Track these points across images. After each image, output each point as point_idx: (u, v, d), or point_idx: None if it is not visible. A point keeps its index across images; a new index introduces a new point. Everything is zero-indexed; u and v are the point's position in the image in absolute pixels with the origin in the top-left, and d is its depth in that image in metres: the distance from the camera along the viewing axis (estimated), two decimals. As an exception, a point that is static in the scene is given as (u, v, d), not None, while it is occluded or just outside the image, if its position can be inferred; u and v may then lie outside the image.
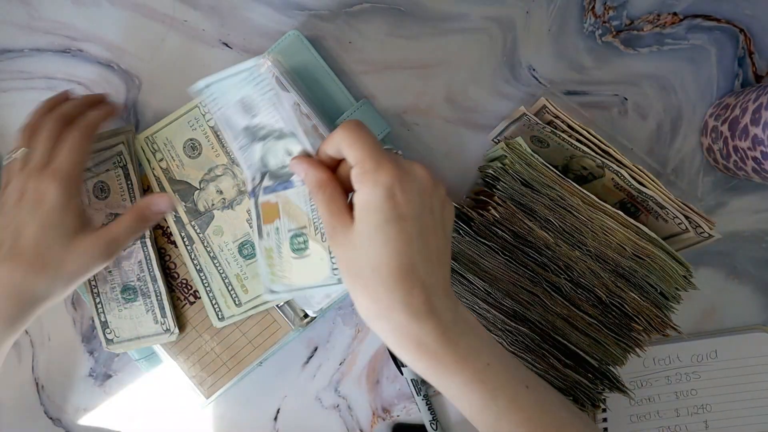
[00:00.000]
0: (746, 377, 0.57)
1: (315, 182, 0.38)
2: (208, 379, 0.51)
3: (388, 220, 0.34)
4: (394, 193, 0.35)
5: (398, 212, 0.35)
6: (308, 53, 0.51)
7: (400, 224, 0.35)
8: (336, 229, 0.36)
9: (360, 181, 0.35)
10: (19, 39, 0.52)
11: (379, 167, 0.35)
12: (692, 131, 0.56)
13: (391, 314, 0.35)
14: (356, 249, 0.35)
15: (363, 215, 0.35)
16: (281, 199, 0.43)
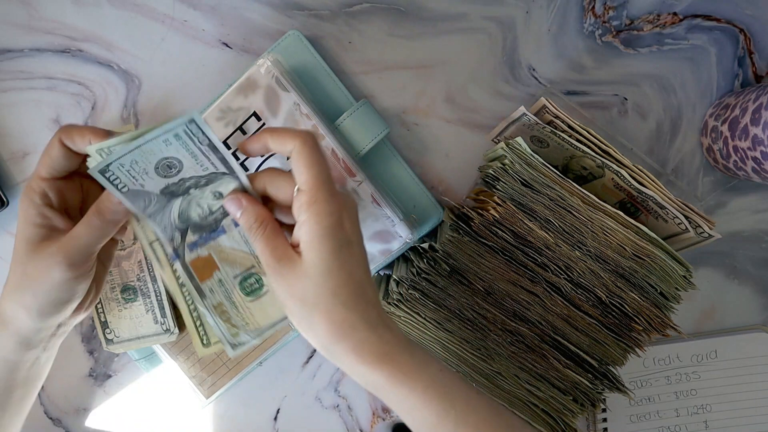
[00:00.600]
0: (746, 377, 0.57)
1: (255, 218, 0.38)
2: (207, 379, 0.52)
3: (341, 247, 0.36)
4: (343, 222, 0.36)
5: (347, 239, 0.37)
6: (308, 53, 0.51)
7: (351, 249, 0.37)
8: (283, 264, 0.37)
9: (309, 211, 0.36)
10: (19, 39, 0.52)
11: (332, 198, 0.36)
12: (692, 131, 0.56)
13: (353, 333, 0.36)
14: (310, 278, 0.36)
15: (316, 244, 0.36)
16: (213, 250, 0.41)
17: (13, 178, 0.53)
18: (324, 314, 0.36)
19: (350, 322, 0.36)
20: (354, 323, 0.36)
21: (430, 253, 0.46)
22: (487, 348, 0.47)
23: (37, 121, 0.53)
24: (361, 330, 0.36)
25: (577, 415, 0.47)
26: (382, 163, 0.53)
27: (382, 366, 0.36)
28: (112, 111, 0.53)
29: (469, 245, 0.46)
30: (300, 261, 0.36)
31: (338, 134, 0.50)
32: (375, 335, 0.37)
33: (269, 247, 0.37)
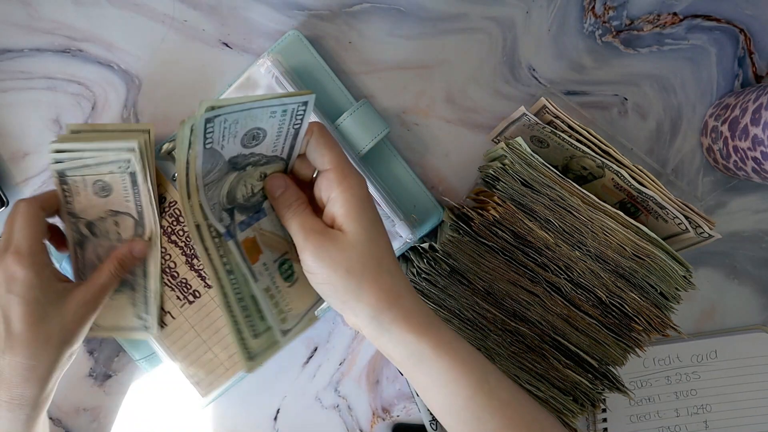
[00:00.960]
0: (746, 377, 0.57)
1: (296, 197, 0.38)
2: (205, 379, 0.51)
3: (377, 218, 0.38)
4: (369, 197, 0.38)
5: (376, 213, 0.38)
6: (308, 53, 0.51)
7: (381, 222, 0.38)
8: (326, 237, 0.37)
9: (341, 185, 0.36)
10: (19, 39, 0.52)
11: (357, 173, 0.37)
12: (692, 131, 0.56)
13: (401, 300, 0.37)
14: (354, 249, 0.36)
15: (354, 214, 0.36)
16: (257, 232, 0.40)
17: (13, 178, 0.53)
18: (372, 282, 0.36)
19: (397, 290, 0.37)
20: (401, 291, 0.37)
21: (430, 253, 0.46)
22: (487, 348, 0.47)
23: (37, 121, 0.53)
24: (407, 298, 0.37)
25: (577, 415, 0.47)
26: (382, 163, 0.53)
27: (429, 335, 0.36)
28: (112, 111, 0.53)
29: (469, 245, 0.46)
30: (341, 234, 0.36)
31: (338, 134, 0.50)
32: (419, 304, 0.37)
33: (309, 223, 0.37)
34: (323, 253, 0.36)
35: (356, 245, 0.36)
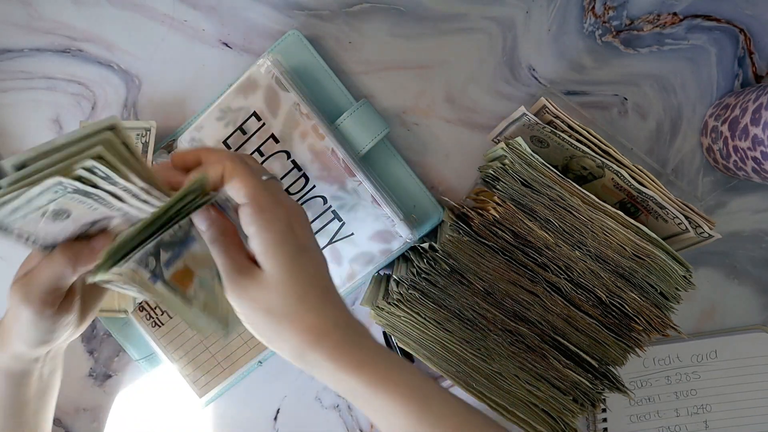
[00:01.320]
0: (746, 377, 0.57)
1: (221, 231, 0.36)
2: (201, 379, 0.52)
3: (297, 252, 0.36)
4: (293, 227, 0.36)
5: (302, 244, 0.36)
6: (308, 53, 0.51)
7: (308, 254, 0.36)
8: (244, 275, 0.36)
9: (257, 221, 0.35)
10: (19, 39, 0.52)
11: (276, 205, 0.35)
12: (692, 131, 0.56)
13: (325, 339, 0.35)
14: (273, 288, 0.35)
15: (272, 251, 0.35)
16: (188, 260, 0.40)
17: (13, 178, 0.53)
18: (294, 323, 0.35)
19: (321, 328, 0.35)
20: (325, 329, 0.35)
21: (430, 253, 0.46)
22: (487, 348, 0.47)
23: (37, 121, 0.53)
24: (333, 335, 0.36)
25: (577, 415, 0.47)
26: (382, 163, 0.53)
27: (360, 371, 0.35)
28: (112, 111, 0.53)
29: (469, 245, 0.46)
30: (260, 272, 0.35)
31: (338, 134, 0.50)
32: (347, 339, 0.36)
33: (231, 261, 0.36)
34: (243, 293, 0.36)
35: (275, 284, 0.35)
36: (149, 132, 0.49)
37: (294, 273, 0.35)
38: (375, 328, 0.56)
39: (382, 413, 0.36)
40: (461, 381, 0.48)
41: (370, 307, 0.48)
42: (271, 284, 0.35)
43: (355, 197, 0.50)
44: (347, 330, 0.36)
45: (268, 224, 0.35)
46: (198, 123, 0.50)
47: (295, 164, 0.49)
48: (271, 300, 0.35)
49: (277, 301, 0.35)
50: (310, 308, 0.35)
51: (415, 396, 0.36)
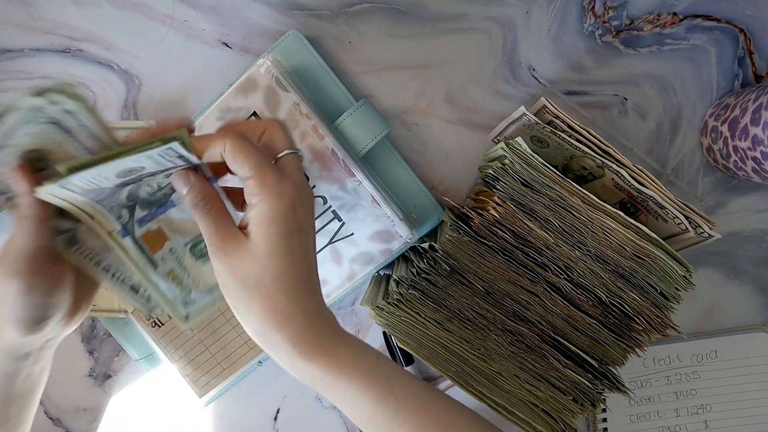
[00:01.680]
0: (746, 377, 0.57)
1: (202, 195, 0.36)
2: (201, 379, 0.52)
3: (291, 232, 0.35)
4: (296, 207, 0.36)
5: (299, 225, 0.36)
6: (308, 53, 0.51)
7: (301, 236, 0.36)
8: (227, 243, 0.36)
9: (260, 193, 0.35)
10: (19, 39, 0.52)
11: (282, 180, 0.35)
12: (692, 131, 0.56)
13: (291, 322, 0.35)
14: (254, 260, 0.35)
15: (264, 225, 0.35)
16: (163, 222, 0.41)
17: (13, 178, 0.53)
18: (263, 299, 0.35)
19: (289, 311, 0.35)
20: (293, 312, 0.36)
21: (430, 253, 0.46)
22: (487, 348, 0.47)
23: (37, 121, 0.53)
24: (300, 320, 0.36)
25: (577, 415, 0.47)
26: (382, 163, 0.53)
27: (318, 358, 0.36)
28: (112, 111, 0.53)
29: (469, 245, 0.46)
30: (246, 241, 0.35)
31: (338, 134, 0.50)
32: (313, 327, 0.36)
33: (214, 225, 0.36)
34: (223, 257, 0.36)
35: (256, 257, 0.35)
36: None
37: (279, 252, 0.35)
38: (375, 328, 0.56)
39: (343, 398, 0.37)
40: (461, 381, 0.48)
41: (370, 307, 0.48)
42: (254, 256, 0.35)
43: (355, 197, 0.50)
44: (315, 317, 0.37)
45: (269, 198, 0.35)
46: (198, 123, 0.50)
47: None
48: (249, 271, 0.35)
49: (254, 274, 0.35)
50: (283, 289, 0.35)
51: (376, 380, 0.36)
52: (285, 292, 0.36)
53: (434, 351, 0.48)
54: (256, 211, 0.35)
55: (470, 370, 0.48)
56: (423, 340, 0.48)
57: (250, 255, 0.35)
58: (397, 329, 0.48)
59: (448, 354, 0.48)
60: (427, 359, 0.48)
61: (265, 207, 0.35)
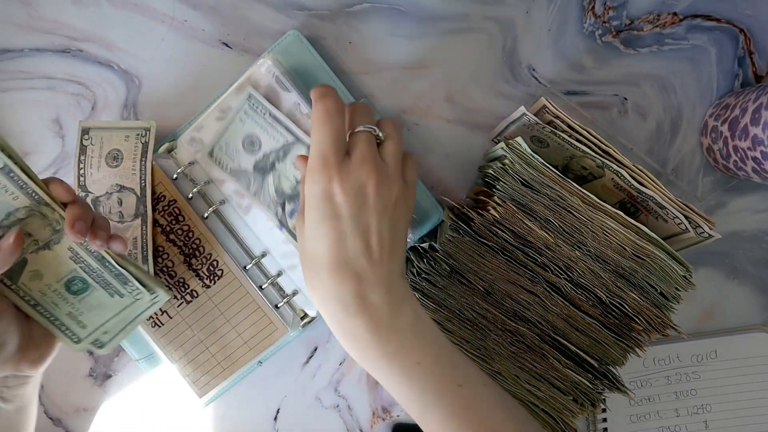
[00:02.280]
0: (746, 377, 0.57)
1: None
2: (201, 379, 0.52)
3: (324, 218, 0.38)
4: (332, 194, 0.37)
5: (334, 212, 0.37)
6: (308, 53, 0.51)
7: (335, 222, 0.38)
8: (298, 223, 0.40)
9: (304, 181, 0.38)
10: (19, 39, 0.52)
11: (323, 168, 0.37)
12: (692, 131, 0.56)
13: (327, 304, 0.38)
14: (303, 237, 0.39)
15: (303, 213, 0.39)
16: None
17: (13, 178, 0.53)
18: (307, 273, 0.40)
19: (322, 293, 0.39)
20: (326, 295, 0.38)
21: (430, 253, 0.46)
22: (487, 348, 0.47)
23: (37, 121, 0.53)
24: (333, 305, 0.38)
25: (577, 415, 0.47)
26: (382, 163, 0.53)
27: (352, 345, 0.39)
28: (112, 111, 0.53)
29: (469, 245, 0.46)
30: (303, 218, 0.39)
31: (338, 134, 0.50)
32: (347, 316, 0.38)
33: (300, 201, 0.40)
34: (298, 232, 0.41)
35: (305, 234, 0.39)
36: (149, 132, 0.49)
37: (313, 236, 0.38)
38: (375, 328, 0.56)
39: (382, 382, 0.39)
40: (461, 381, 0.48)
41: (370, 307, 0.48)
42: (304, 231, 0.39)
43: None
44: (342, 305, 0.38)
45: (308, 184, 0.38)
46: (198, 123, 0.50)
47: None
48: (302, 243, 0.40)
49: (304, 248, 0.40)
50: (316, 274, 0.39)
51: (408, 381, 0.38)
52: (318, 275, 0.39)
53: (434, 351, 0.48)
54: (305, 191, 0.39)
55: (470, 370, 0.48)
56: (423, 340, 0.48)
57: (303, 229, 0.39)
58: (397, 329, 0.48)
59: (448, 354, 0.48)
60: (427, 359, 0.48)
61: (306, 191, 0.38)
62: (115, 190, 0.49)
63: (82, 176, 0.49)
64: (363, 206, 0.38)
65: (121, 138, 0.49)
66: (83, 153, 0.49)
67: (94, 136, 0.49)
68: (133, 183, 0.49)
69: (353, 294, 0.38)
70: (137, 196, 0.49)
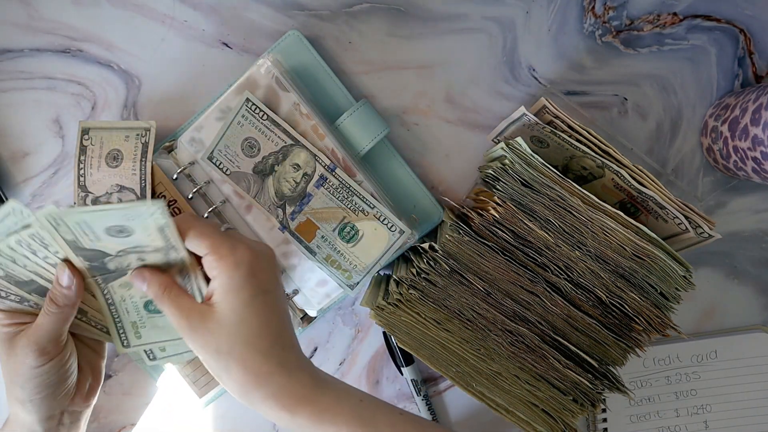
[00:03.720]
0: (746, 377, 0.57)
1: (159, 285, 0.39)
2: (201, 379, 0.52)
3: (255, 296, 0.38)
4: (255, 272, 0.38)
5: (262, 287, 0.38)
6: (308, 53, 0.51)
7: (265, 297, 0.38)
8: (193, 320, 0.38)
9: (218, 267, 0.38)
10: (19, 39, 0.52)
11: (235, 250, 0.38)
12: (692, 131, 0.56)
13: (271, 378, 0.37)
14: (223, 329, 0.37)
15: (228, 296, 0.37)
16: (309, 213, 0.48)
17: (13, 178, 0.53)
18: (239, 362, 0.37)
19: (267, 369, 0.37)
20: (270, 370, 0.37)
21: (430, 253, 0.46)
22: (487, 348, 0.47)
23: (37, 121, 0.53)
24: (279, 375, 0.37)
25: (577, 415, 0.47)
26: (382, 163, 0.53)
27: (302, 408, 0.37)
28: (112, 111, 0.53)
29: (469, 245, 0.46)
30: (212, 312, 0.38)
31: (338, 134, 0.50)
32: (293, 379, 0.38)
33: (176, 308, 0.38)
34: (193, 333, 0.38)
35: (225, 325, 0.37)
36: (149, 132, 0.49)
37: (246, 318, 0.37)
38: (375, 328, 0.56)
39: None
40: (461, 381, 0.48)
41: (370, 307, 0.48)
42: (222, 325, 0.37)
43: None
44: (293, 370, 0.38)
45: (227, 270, 0.37)
46: (198, 123, 0.50)
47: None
48: (221, 341, 0.37)
49: (226, 343, 0.37)
50: (257, 351, 0.37)
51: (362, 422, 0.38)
52: (259, 353, 0.37)
53: (434, 351, 0.48)
54: (217, 283, 0.38)
55: (470, 370, 0.48)
56: (423, 340, 0.48)
57: (218, 325, 0.37)
58: (397, 329, 0.48)
59: (448, 354, 0.48)
60: (427, 359, 0.48)
61: (224, 279, 0.37)
62: (115, 190, 0.49)
63: (82, 176, 0.49)
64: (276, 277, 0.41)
65: (121, 138, 0.49)
66: (83, 153, 0.49)
67: (94, 136, 0.49)
68: (133, 183, 0.49)
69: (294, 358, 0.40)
70: (137, 196, 0.49)
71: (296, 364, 0.39)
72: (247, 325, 0.37)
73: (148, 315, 0.44)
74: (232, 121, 0.47)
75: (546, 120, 0.48)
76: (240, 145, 0.48)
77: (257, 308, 0.38)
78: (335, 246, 0.49)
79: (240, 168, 0.48)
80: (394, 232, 0.49)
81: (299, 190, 0.48)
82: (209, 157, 0.48)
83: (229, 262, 0.38)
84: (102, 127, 0.49)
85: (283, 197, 0.48)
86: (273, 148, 0.48)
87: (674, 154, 0.56)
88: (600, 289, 0.45)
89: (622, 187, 0.46)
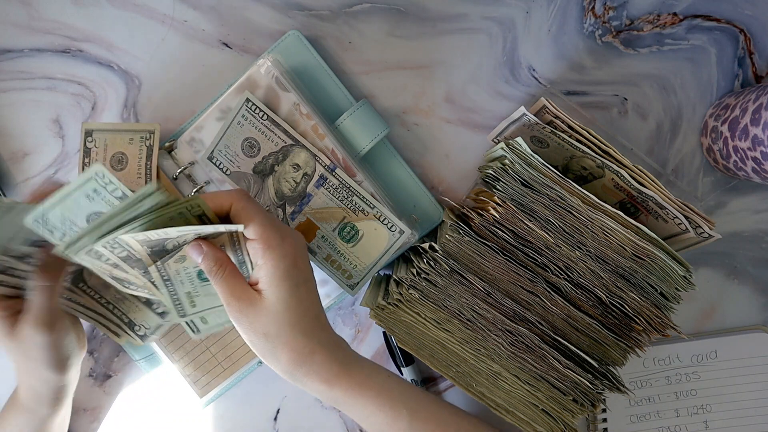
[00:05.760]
0: (746, 377, 0.57)
1: (215, 260, 0.40)
2: (202, 379, 0.52)
3: (298, 285, 0.40)
4: (297, 262, 0.41)
5: (303, 276, 0.41)
6: (308, 53, 0.51)
7: (307, 285, 0.41)
8: (242, 302, 0.40)
9: (265, 256, 0.39)
10: (19, 39, 0.52)
11: (284, 242, 0.40)
12: (692, 131, 0.56)
13: (312, 357, 0.41)
14: (270, 314, 0.40)
15: (275, 284, 0.40)
16: (309, 214, 0.49)
17: (13, 178, 0.53)
18: (286, 344, 0.40)
19: (309, 349, 0.41)
20: (313, 349, 0.41)
21: (430, 253, 0.46)
22: (487, 348, 0.47)
23: (37, 121, 0.53)
24: (318, 354, 0.41)
25: (577, 415, 0.47)
26: (382, 163, 0.53)
27: (339, 381, 0.41)
28: (112, 111, 0.53)
29: (469, 245, 0.46)
30: (260, 298, 0.40)
31: (338, 134, 0.50)
32: (331, 356, 0.42)
33: (229, 288, 0.40)
34: (243, 318, 0.40)
35: (272, 311, 0.40)
36: (153, 135, 0.49)
37: (292, 304, 0.40)
38: (375, 329, 0.56)
39: (362, 415, 0.43)
40: (461, 381, 0.48)
41: (370, 307, 0.48)
42: (270, 311, 0.40)
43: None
44: (331, 348, 0.42)
45: (275, 261, 0.39)
46: (198, 123, 0.50)
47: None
48: (269, 325, 0.40)
49: (273, 327, 0.40)
50: (300, 333, 0.41)
51: (390, 396, 0.42)
52: (302, 334, 0.41)
53: (434, 351, 0.48)
54: (264, 271, 0.40)
55: (470, 370, 0.48)
56: (423, 340, 0.48)
57: (266, 311, 0.40)
58: (397, 329, 0.48)
59: (448, 354, 0.48)
60: (427, 359, 0.48)
61: (271, 268, 0.39)
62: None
63: None
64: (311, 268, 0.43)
65: (125, 141, 0.49)
66: (87, 155, 0.49)
67: (98, 138, 0.49)
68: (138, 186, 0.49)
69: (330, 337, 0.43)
70: None
71: (333, 342, 0.43)
72: (292, 312, 0.40)
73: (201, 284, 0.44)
74: (232, 121, 0.47)
75: (546, 120, 0.48)
76: (240, 145, 0.48)
77: (300, 296, 0.41)
78: (335, 246, 0.49)
79: (240, 168, 0.48)
80: (394, 232, 0.49)
81: (299, 190, 0.48)
82: (209, 157, 0.48)
83: (276, 254, 0.39)
84: (105, 129, 0.49)
85: (283, 197, 0.49)
86: (273, 148, 0.48)
87: (674, 155, 0.56)
88: (600, 289, 0.45)
89: (622, 187, 0.46)
